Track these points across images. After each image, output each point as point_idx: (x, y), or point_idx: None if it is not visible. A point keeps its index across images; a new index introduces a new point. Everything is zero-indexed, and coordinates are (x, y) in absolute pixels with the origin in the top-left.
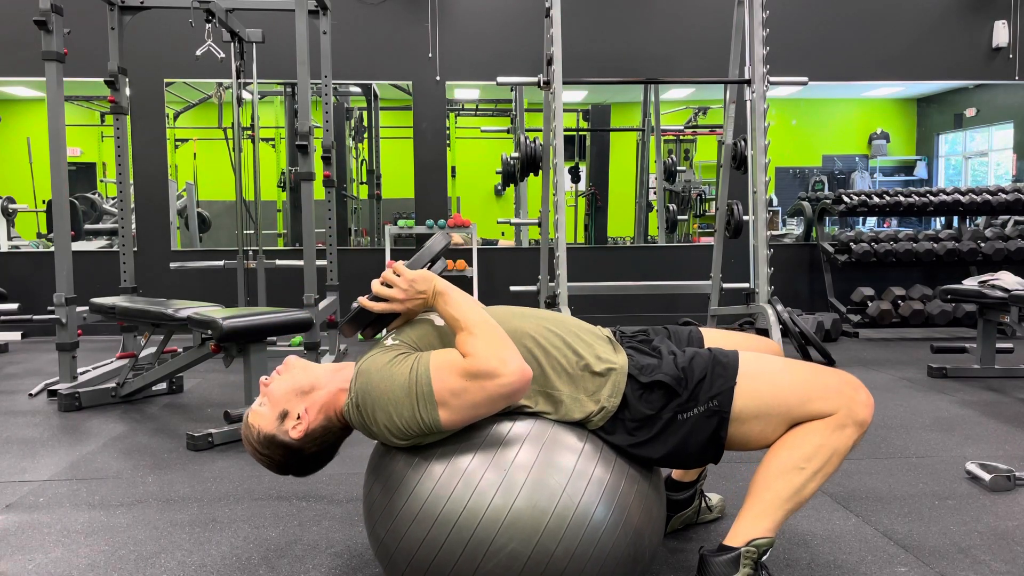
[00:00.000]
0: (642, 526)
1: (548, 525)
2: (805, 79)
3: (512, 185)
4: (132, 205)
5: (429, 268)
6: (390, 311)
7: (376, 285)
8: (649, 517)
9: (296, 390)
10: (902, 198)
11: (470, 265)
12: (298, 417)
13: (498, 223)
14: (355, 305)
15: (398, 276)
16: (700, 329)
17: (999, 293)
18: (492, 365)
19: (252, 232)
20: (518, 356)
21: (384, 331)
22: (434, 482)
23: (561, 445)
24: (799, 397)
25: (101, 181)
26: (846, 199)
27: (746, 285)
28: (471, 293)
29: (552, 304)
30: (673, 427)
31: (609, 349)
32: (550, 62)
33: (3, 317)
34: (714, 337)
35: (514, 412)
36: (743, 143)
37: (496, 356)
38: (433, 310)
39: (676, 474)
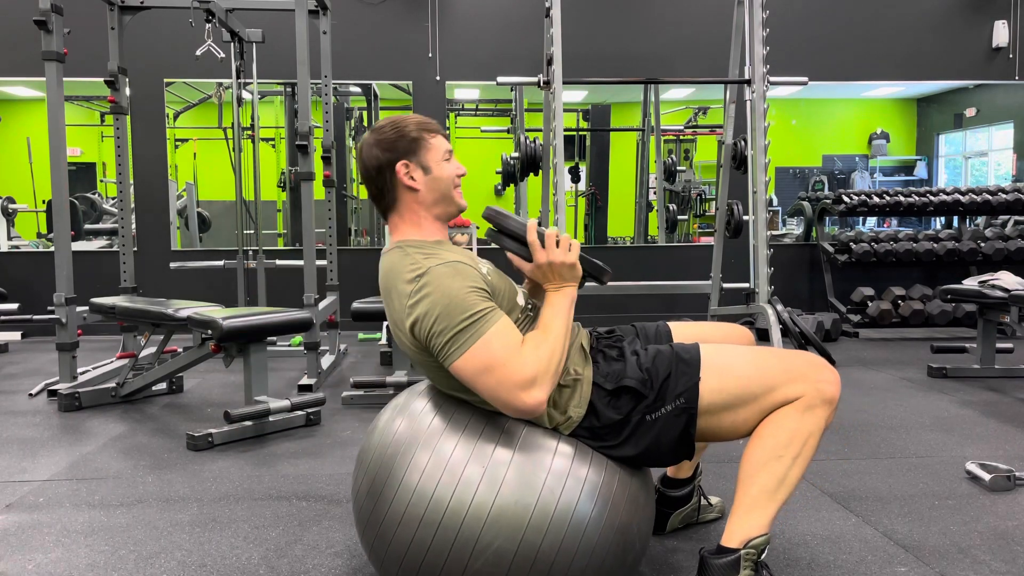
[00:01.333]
0: (628, 517)
1: (532, 520)
2: (805, 79)
3: (512, 185)
4: (132, 205)
5: (584, 275)
6: (531, 253)
7: (551, 231)
8: (635, 507)
9: (439, 190)
10: (902, 198)
11: None
12: (412, 178)
13: None
14: (530, 221)
15: (569, 250)
16: (668, 323)
17: (999, 293)
18: (525, 378)
19: (252, 232)
20: (547, 392)
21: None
22: (416, 480)
23: (539, 440)
24: (764, 384)
25: (101, 181)
26: (846, 199)
27: (746, 285)
28: None
29: None
30: (643, 428)
31: (580, 360)
32: (550, 62)
33: (3, 317)
34: (682, 330)
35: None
36: (743, 143)
37: (535, 375)
38: (528, 297)
39: (670, 471)
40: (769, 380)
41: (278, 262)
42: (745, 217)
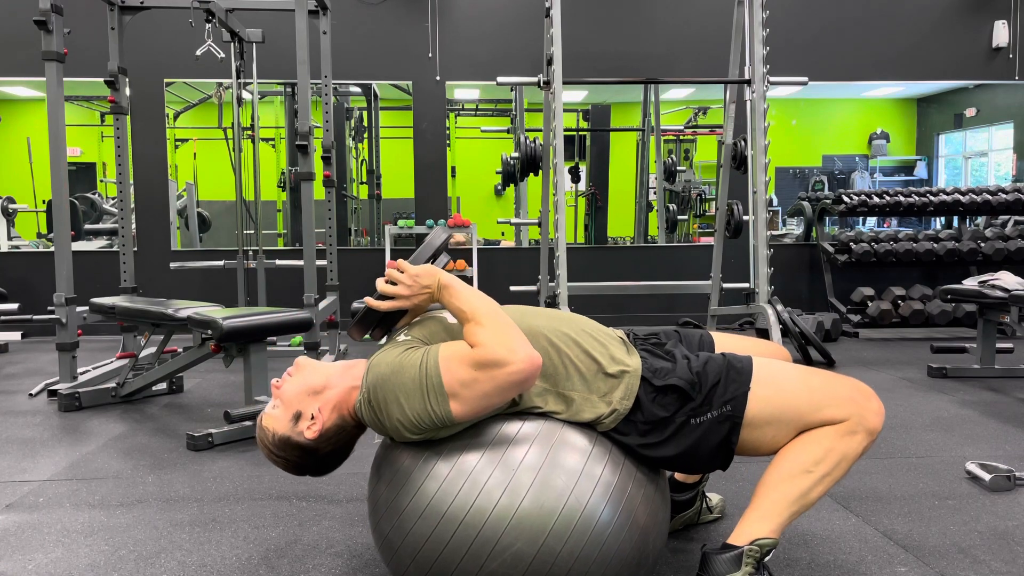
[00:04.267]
0: (647, 529)
1: (554, 526)
2: (805, 79)
3: (512, 185)
4: (132, 205)
5: (431, 263)
6: (397, 308)
7: (381, 284)
8: (654, 520)
9: (308, 390)
10: (902, 198)
11: (470, 265)
12: (312, 417)
13: (498, 223)
14: (361, 305)
15: (401, 273)
16: (711, 333)
17: (999, 293)
18: (500, 354)
19: (252, 232)
20: (526, 343)
21: (394, 330)
22: (441, 480)
23: (569, 447)
24: (811, 404)
25: (101, 181)
26: (846, 199)
27: (746, 285)
28: None
29: (552, 304)
30: (686, 430)
31: (623, 351)
32: (550, 62)
33: (3, 317)
34: (724, 342)
35: (524, 412)
36: (743, 143)
37: (503, 345)
38: (440, 307)
39: (679, 475)
40: (816, 400)
41: (278, 262)
42: (745, 217)
